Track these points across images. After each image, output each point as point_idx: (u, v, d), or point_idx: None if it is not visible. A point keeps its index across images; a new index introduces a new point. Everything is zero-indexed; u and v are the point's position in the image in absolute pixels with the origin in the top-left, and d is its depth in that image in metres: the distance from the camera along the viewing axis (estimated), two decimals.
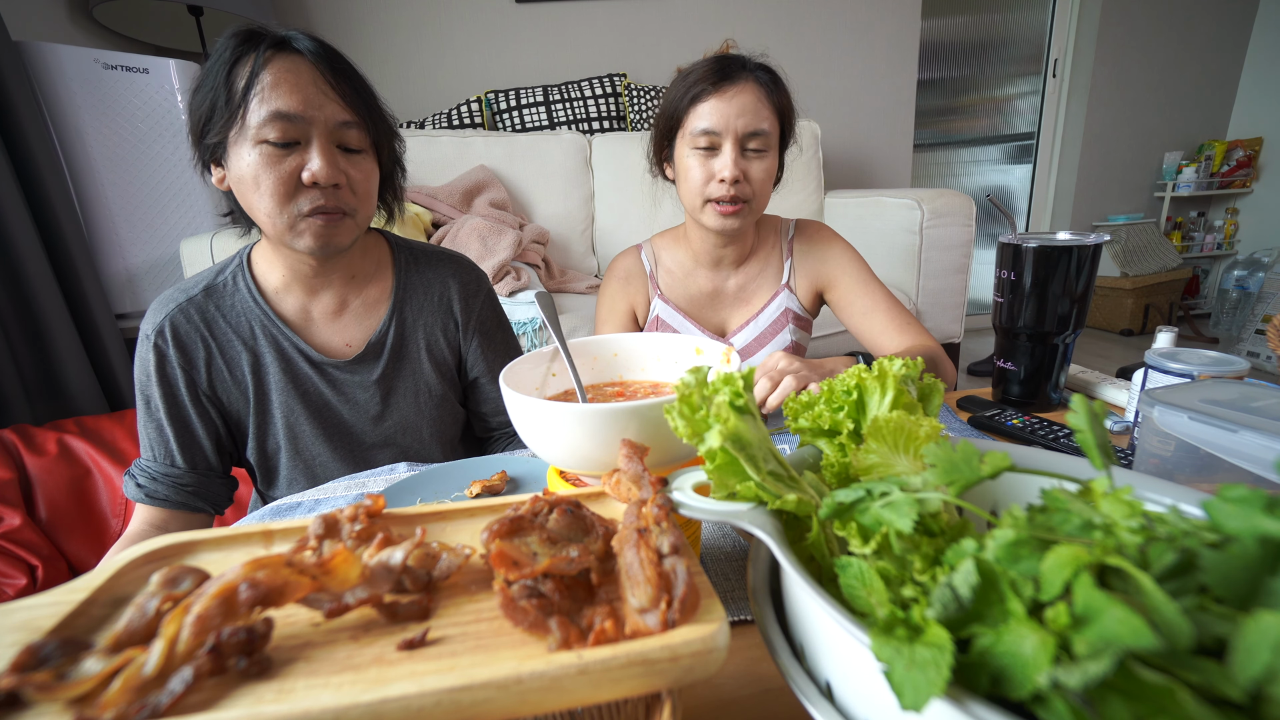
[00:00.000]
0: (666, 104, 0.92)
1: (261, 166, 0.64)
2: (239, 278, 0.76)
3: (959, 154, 3.36)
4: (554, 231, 2.13)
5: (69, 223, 1.47)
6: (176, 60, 1.72)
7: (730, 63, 0.87)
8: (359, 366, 0.79)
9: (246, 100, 0.63)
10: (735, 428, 0.28)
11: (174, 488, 0.75)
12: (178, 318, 0.73)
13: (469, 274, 0.87)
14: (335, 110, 0.66)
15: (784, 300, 1.01)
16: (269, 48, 0.65)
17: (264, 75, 0.63)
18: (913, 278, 1.94)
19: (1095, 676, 0.16)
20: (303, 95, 0.64)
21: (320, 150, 0.65)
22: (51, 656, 0.22)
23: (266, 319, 0.75)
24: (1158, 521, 0.22)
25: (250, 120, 0.63)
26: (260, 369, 0.76)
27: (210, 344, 0.74)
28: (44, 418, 1.37)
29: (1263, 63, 3.30)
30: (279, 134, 0.63)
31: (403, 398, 0.82)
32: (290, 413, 0.77)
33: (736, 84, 0.86)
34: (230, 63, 0.64)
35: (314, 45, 0.67)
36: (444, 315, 0.84)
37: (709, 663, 0.24)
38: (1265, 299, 2.82)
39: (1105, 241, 0.76)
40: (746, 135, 0.86)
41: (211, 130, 0.65)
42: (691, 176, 0.89)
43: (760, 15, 2.62)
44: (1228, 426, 0.43)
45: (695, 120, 0.87)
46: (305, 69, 0.65)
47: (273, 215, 0.66)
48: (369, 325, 0.80)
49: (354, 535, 0.30)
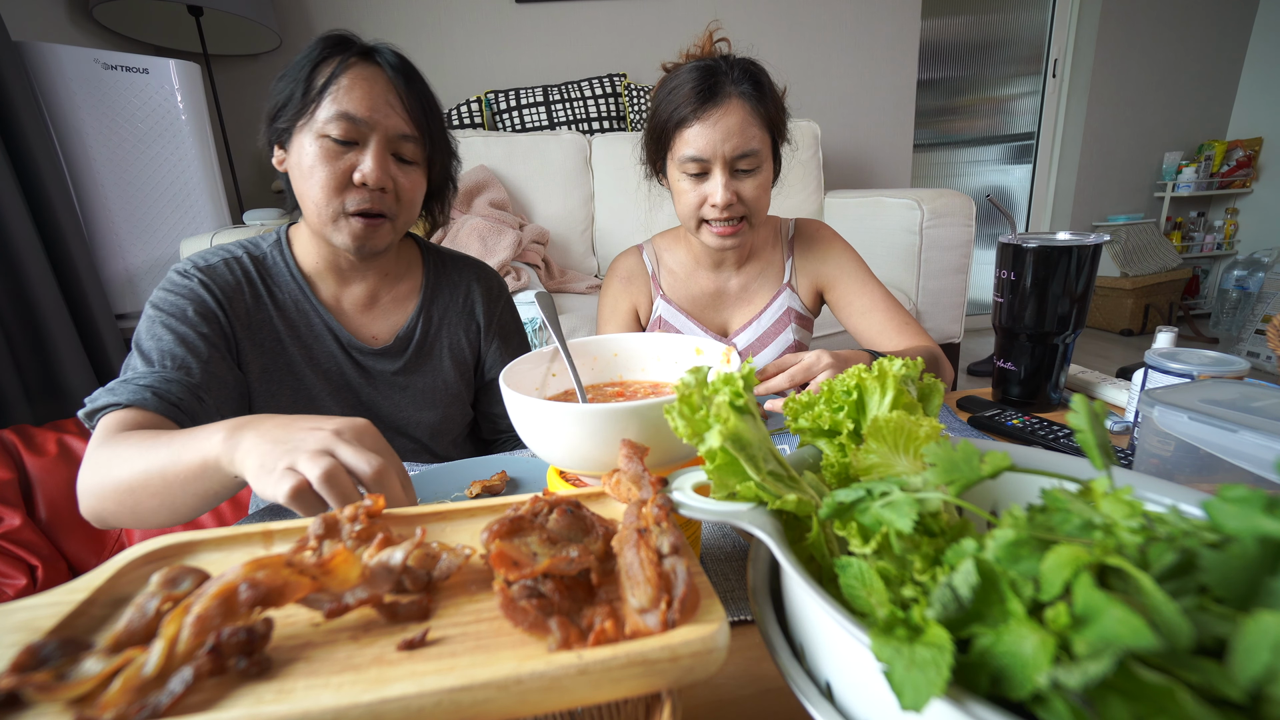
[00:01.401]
0: (653, 118, 0.90)
1: (319, 158, 0.68)
2: (277, 254, 0.78)
3: (959, 154, 3.36)
4: (554, 231, 2.13)
5: (69, 223, 1.47)
6: (176, 60, 1.72)
7: (713, 79, 0.83)
8: (382, 357, 0.82)
9: (321, 98, 0.68)
10: (735, 428, 0.28)
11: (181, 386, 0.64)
12: (220, 268, 0.74)
13: (492, 280, 0.92)
14: (398, 122, 0.70)
15: (786, 300, 1.01)
16: (353, 55, 0.70)
17: (342, 78, 0.68)
18: (913, 278, 1.94)
19: (1095, 676, 0.16)
20: (371, 102, 0.69)
21: (375, 154, 0.69)
22: (51, 656, 0.22)
23: (303, 295, 0.78)
24: (1158, 521, 0.22)
25: (319, 115, 0.68)
26: (288, 339, 0.77)
27: (247, 301, 0.74)
28: (44, 418, 1.37)
29: (1263, 63, 3.30)
30: (341, 132, 0.68)
31: (420, 392, 0.85)
32: (311, 386, 0.78)
33: (720, 105, 0.83)
34: (316, 62, 0.69)
35: (395, 60, 0.72)
36: (467, 317, 0.89)
37: (709, 663, 0.24)
38: (1265, 299, 2.82)
39: (1105, 241, 0.76)
40: (735, 158, 0.84)
41: (283, 117, 0.70)
42: (685, 200, 0.89)
43: (760, 15, 2.62)
44: (1228, 426, 0.43)
45: (682, 146, 0.85)
46: (381, 80, 0.70)
47: (319, 205, 0.70)
48: (396, 320, 0.84)
49: (354, 535, 0.30)
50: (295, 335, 0.77)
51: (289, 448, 0.44)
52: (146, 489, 0.53)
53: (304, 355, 0.77)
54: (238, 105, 2.28)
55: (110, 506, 0.56)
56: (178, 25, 1.99)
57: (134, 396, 0.60)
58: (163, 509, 0.54)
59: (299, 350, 0.77)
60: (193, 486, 0.52)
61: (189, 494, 0.52)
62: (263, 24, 1.98)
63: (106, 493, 0.55)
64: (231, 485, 0.52)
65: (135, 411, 0.60)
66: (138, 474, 0.53)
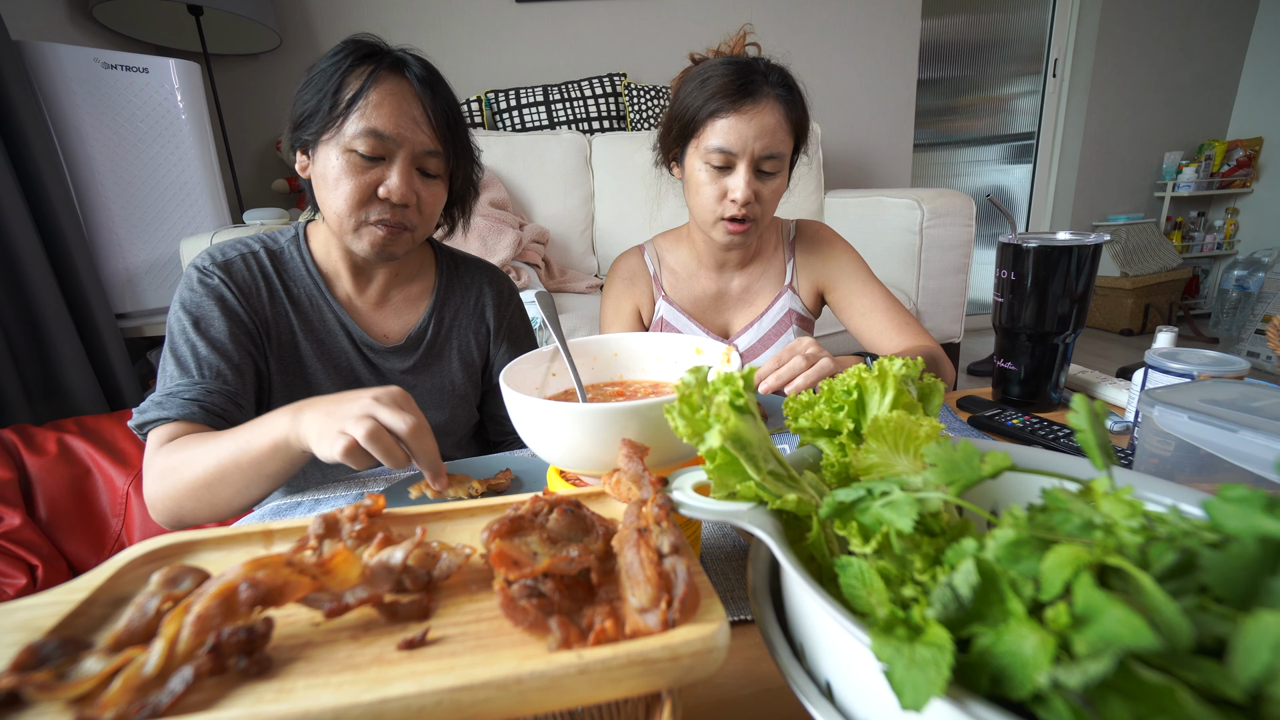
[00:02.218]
0: (681, 106, 0.88)
1: (344, 172, 0.68)
2: (294, 250, 0.79)
3: (959, 154, 3.36)
4: (554, 231, 2.13)
5: (69, 223, 1.47)
6: (176, 60, 1.72)
7: (751, 76, 0.83)
8: (392, 355, 0.83)
9: (349, 112, 0.67)
10: (735, 427, 0.28)
11: (222, 396, 0.68)
12: (238, 264, 0.74)
13: (503, 283, 0.93)
14: (424, 140, 0.71)
15: (787, 301, 1.01)
16: (382, 68, 0.69)
17: (371, 94, 0.67)
18: (913, 278, 1.94)
19: (1095, 676, 0.16)
20: (399, 119, 0.68)
21: (401, 172, 0.69)
22: (51, 656, 0.22)
23: (317, 290, 0.78)
24: (1158, 521, 0.22)
25: (346, 129, 0.67)
26: (301, 334, 0.77)
27: (264, 297, 0.75)
28: (44, 418, 1.37)
29: (1263, 63, 3.30)
30: (368, 149, 0.68)
31: (428, 392, 0.85)
32: (323, 382, 0.79)
33: (758, 103, 0.82)
34: (344, 73, 0.68)
35: (423, 73, 0.72)
36: (477, 320, 0.89)
37: (709, 663, 0.24)
38: (1265, 299, 2.82)
39: (1105, 241, 0.76)
40: (763, 158, 0.84)
41: (308, 128, 0.70)
42: (703, 191, 0.88)
43: (760, 15, 2.62)
44: (1228, 426, 0.43)
45: (711, 136, 0.84)
46: (409, 95, 0.70)
47: (341, 216, 0.70)
48: (408, 320, 0.85)
49: (354, 535, 0.30)
50: (309, 330, 0.78)
51: (339, 416, 0.54)
52: (223, 480, 0.59)
53: (317, 350, 0.78)
54: (238, 105, 2.28)
55: (188, 504, 0.61)
56: (178, 25, 1.99)
57: (182, 411, 0.65)
58: (238, 495, 0.60)
59: (312, 345, 0.78)
60: (266, 468, 0.59)
61: (263, 476, 0.59)
62: (263, 23, 1.98)
63: (182, 493, 0.60)
64: (299, 459, 0.59)
65: (184, 425, 0.65)
66: (211, 468, 0.59)
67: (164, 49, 2.10)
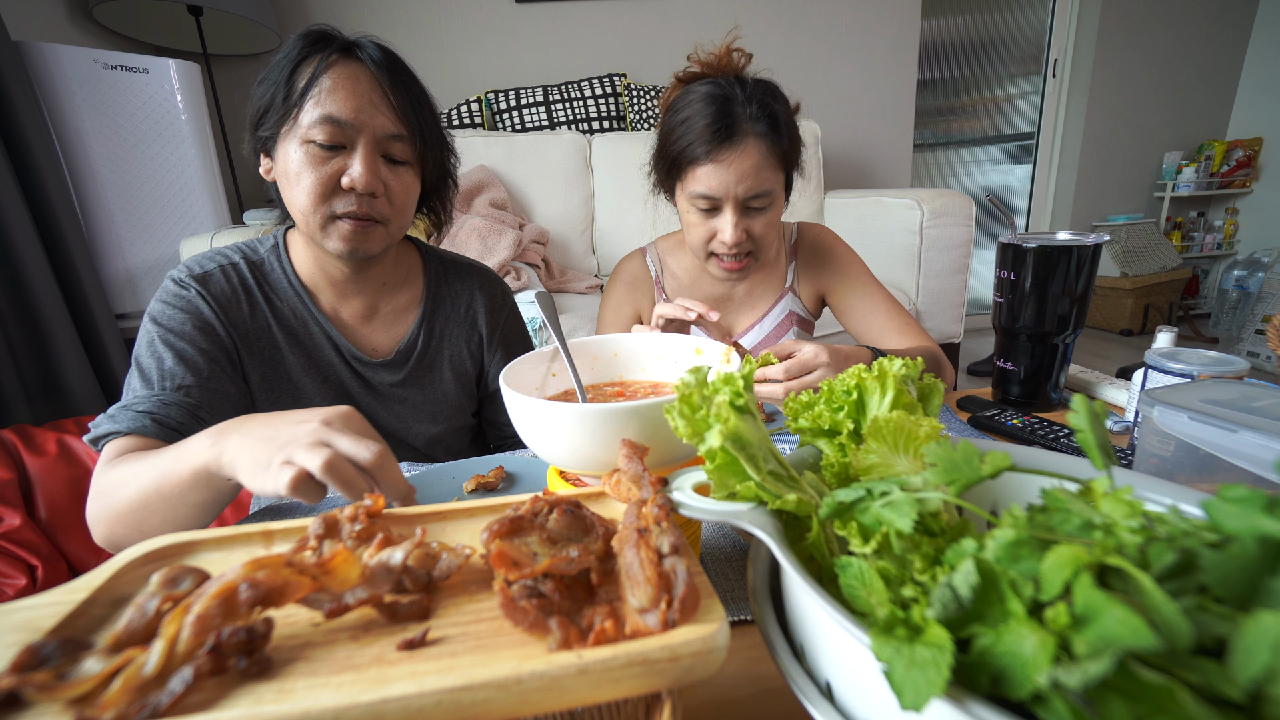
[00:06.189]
0: (663, 141, 0.87)
1: (304, 164, 0.65)
2: (275, 260, 0.76)
3: (959, 154, 3.36)
4: (554, 231, 2.13)
5: (69, 223, 1.47)
6: (176, 60, 1.72)
7: (729, 113, 0.80)
8: (382, 369, 0.80)
9: (303, 101, 0.64)
10: (735, 428, 0.28)
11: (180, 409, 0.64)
12: (217, 275, 0.72)
13: (495, 287, 0.89)
14: (385, 122, 0.67)
15: (788, 304, 1.01)
16: (334, 52, 0.66)
17: (324, 79, 0.65)
18: (913, 278, 1.94)
19: (1095, 676, 0.16)
20: (356, 103, 0.65)
21: (363, 158, 0.66)
22: (51, 656, 0.22)
23: (302, 303, 0.75)
24: (1158, 521, 0.22)
25: (302, 120, 0.65)
26: (286, 348, 0.75)
27: (244, 310, 0.73)
28: (44, 418, 1.37)
29: (1263, 63, 3.30)
30: (326, 137, 0.65)
31: (421, 404, 0.83)
32: (312, 395, 0.77)
33: (736, 147, 0.80)
34: (295, 62, 0.66)
35: (379, 55, 0.68)
36: (469, 328, 0.86)
37: (709, 663, 0.24)
38: (1265, 299, 2.82)
39: (1105, 241, 0.76)
40: (748, 198, 0.83)
41: (266, 124, 0.67)
42: (694, 231, 0.88)
43: (760, 15, 2.62)
44: (1228, 426, 0.43)
45: (693, 183, 0.83)
46: (365, 78, 0.66)
47: (307, 213, 0.67)
48: (397, 333, 0.81)
49: (354, 535, 0.30)
50: (294, 343, 0.75)
51: (281, 443, 0.45)
52: (147, 508, 0.53)
53: (304, 363, 0.76)
54: (238, 105, 2.27)
55: (120, 530, 0.56)
56: (178, 25, 1.99)
57: (134, 424, 0.61)
58: (167, 525, 0.54)
59: (299, 358, 0.75)
60: (190, 498, 0.52)
61: (188, 505, 0.53)
62: (263, 24, 1.98)
63: (114, 518, 0.56)
64: (228, 490, 0.53)
65: (135, 439, 0.61)
66: (136, 495, 0.53)
67: (164, 49, 2.10)
